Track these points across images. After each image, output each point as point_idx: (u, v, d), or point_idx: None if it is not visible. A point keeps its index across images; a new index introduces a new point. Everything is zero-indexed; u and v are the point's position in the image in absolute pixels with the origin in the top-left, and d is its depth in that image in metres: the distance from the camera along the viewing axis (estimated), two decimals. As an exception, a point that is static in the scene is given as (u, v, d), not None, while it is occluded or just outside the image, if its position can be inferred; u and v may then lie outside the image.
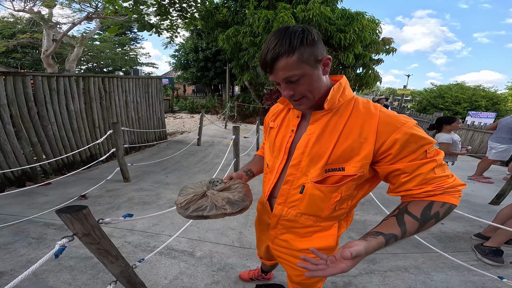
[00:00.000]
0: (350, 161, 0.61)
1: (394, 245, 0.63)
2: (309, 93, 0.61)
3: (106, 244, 0.74)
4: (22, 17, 9.38)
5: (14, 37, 9.16)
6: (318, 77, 0.60)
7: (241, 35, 7.21)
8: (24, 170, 2.80)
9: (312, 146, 0.64)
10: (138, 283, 0.89)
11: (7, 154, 2.62)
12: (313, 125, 0.66)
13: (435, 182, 0.58)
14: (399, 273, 1.69)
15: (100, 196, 2.57)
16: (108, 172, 2.93)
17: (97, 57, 12.78)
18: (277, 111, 0.81)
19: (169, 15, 4.66)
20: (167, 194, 2.69)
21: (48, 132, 3.04)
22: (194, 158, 4.23)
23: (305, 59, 0.56)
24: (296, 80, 0.58)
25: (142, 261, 1.10)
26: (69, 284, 1.38)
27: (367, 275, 1.65)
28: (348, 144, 0.60)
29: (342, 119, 0.62)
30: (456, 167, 4.63)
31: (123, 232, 1.94)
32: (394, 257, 1.87)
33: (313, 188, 0.66)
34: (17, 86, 2.69)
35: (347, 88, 0.65)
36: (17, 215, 2.07)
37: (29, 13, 6.53)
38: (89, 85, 3.58)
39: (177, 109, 12.95)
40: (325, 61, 0.60)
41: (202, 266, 1.60)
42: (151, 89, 5.07)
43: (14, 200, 2.35)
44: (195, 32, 13.48)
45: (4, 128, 2.60)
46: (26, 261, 1.53)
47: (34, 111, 2.88)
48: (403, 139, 0.57)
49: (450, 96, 14.39)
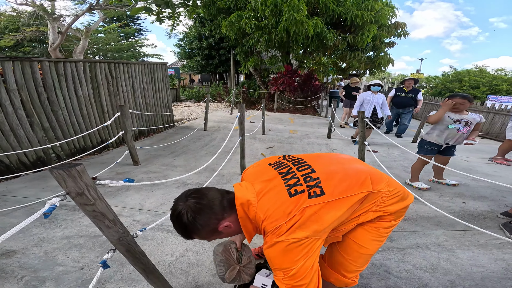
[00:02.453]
0: None
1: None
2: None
3: (102, 207, 0.68)
4: (25, 10, 9.40)
5: (19, 31, 9.23)
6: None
7: (244, 20, 7.09)
8: (39, 155, 2.86)
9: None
10: (139, 253, 0.84)
11: (21, 139, 2.66)
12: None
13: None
14: (419, 250, 1.60)
15: (110, 178, 2.59)
16: (119, 156, 2.97)
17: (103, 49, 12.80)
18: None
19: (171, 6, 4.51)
20: (175, 176, 2.71)
21: (59, 118, 3.07)
22: (200, 142, 4.27)
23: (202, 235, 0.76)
24: None
25: (143, 230, 1.06)
26: (77, 261, 1.39)
27: (385, 252, 1.58)
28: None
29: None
30: (476, 149, 4.40)
31: (131, 212, 1.95)
32: (413, 235, 1.78)
33: None
34: (26, 71, 2.69)
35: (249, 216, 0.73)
36: (31, 197, 2.12)
37: (31, 6, 6.50)
38: (95, 71, 3.56)
39: (184, 98, 12.99)
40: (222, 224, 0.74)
41: (208, 244, 1.59)
42: (157, 75, 5.02)
43: (30, 184, 2.42)
44: (198, 20, 13.18)
45: (16, 113, 2.63)
46: (38, 240, 1.55)
47: (44, 96, 2.89)
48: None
49: (468, 80, 13.81)
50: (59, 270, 1.32)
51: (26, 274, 1.28)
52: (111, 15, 6.34)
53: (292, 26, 6.15)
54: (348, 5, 6.77)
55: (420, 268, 1.44)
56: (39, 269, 1.32)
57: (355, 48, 7.82)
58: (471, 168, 3.34)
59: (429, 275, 1.39)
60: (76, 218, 1.81)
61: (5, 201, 2.05)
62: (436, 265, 1.47)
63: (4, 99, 2.52)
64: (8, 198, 2.10)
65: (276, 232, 0.65)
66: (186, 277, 1.32)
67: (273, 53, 8.85)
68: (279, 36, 6.75)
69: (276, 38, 6.93)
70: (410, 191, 1.97)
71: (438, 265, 1.47)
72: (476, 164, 3.58)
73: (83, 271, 1.32)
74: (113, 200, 2.12)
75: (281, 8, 6.26)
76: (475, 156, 4.00)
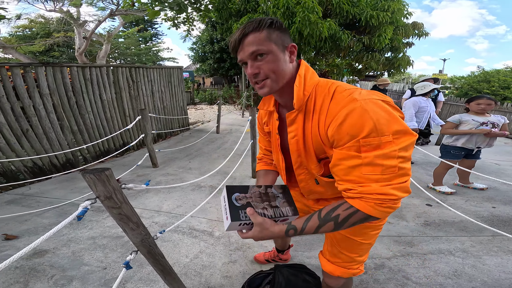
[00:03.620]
0: (326, 149, 0.61)
1: (297, 235, 0.62)
2: (273, 74, 0.59)
3: (127, 210, 0.73)
4: (53, 17, 10.17)
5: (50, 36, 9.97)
6: (284, 60, 0.60)
7: None
8: (68, 157, 3.08)
9: (302, 148, 0.66)
10: (158, 254, 0.89)
11: (52, 142, 2.88)
12: (291, 127, 0.66)
13: (356, 181, 0.52)
14: (441, 256, 1.54)
15: (131, 180, 2.74)
16: (139, 159, 3.11)
17: (124, 53, 13.51)
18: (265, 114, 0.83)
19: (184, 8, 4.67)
20: (190, 179, 2.80)
21: (86, 121, 3.27)
22: (213, 145, 4.37)
23: (273, 38, 0.57)
24: (262, 56, 0.57)
25: (163, 232, 1.11)
26: (101, 261, 1.48)
27: (403, 257, 1.53)
28: (317, 137, 0.60)
29: (312, 113, 0.61)
30: (507, 151, 4.09)
31: (151, 213, 2.04)
32: (435, 240, 1.70)
33: (323, 179, 0.70)
34: (57, 76, 2.88)
35: (308, 74, 0.62)
36: (61, 198, 2.29)
37: (59, 13, 7.03)
38: (118, 75, 3.74)
39: (198, 100, 13.35)
40: (290, 49, 0.61)
41: (220, 246, 1.63)
42: (173, 79, 5.21)
43: (60, 185, 2.61)
44: (210, 23, 13.46)
45: (48, 116, 2.83)
46: (66, 240, 1.67)
47: (73, 100, 3.09)
48: (337, 123, 0.52)
49: (497, 80, 12.93)
50: (85, 270, 1.41)
51: (55, 273, 1.38)
52: (129, 20, 6.67)
53: (306, 27, 6.09)
54: (363, 5, 6.61)
55: (442, 274, 1.38)
56: (67, 269, 1.42)
57: (371, 49, 7.62)
58: (501, 172, 3.11)
59: (451, 282, 1.32)
60: (100, 219, 1.93)
61: (38, 202, 2.23)
62: (460, 271, 1.40)
63: (38, 103, 2.71)
64: (41, 199, 2.28)
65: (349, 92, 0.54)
66: (199, 278, 1.36)
67: (284, 56, 8.81)
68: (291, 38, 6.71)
69: (287, 41, 6.89)
70: (433, 196, 1.92)
71: (462, 271, 1.40)
72: (507, 167, 3.33)
73: (106, 271, 1.40)
74: (134, 202, 2.23)
75: (293, 10, 6.23)
76: (506, 159, 3.71)
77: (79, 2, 6.74)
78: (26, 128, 2.63)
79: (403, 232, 1.80)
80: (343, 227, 0.55)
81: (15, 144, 2.54)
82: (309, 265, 1.46)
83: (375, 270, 1.43)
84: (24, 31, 10.88)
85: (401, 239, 1.71)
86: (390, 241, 1.69)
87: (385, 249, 1.61)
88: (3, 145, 2.44)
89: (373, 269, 1.44)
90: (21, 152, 2.60)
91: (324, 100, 0.57)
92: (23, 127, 2.60)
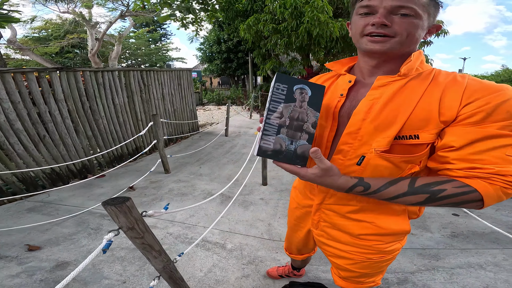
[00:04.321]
0: (425, 128, 0.52)
1: (363, 195, 0.55)
2: (405, 37, 0.52)
3: (150, 239, 0.71)
4: (66, 18, 10.43)
5: (64, 37, 10.25)
6: (422, 30, 0.53)
7: (261, 23, 7.08)
8: (84, 163, 3.13)
9: (379, 112, 0.55)
10: (179, 279, 0.88)
11: (69, 148, 2.93)
12: (377, 90, 0.57)
13: (491, 162, 0.47)
14: (471, 270, 1.44)
15: (145, 187, 2.76)
16: (152, 164, 3.13)
17: (135, 54, 13.79)
18: (323, 79, 0.73)
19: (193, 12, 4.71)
20: (201, 185, 2.80)
21: (99, 126, 3.30)
22: (222, 149, 4.34)
23: (426, 5, 0.51)
24: (406, 16, 0.50)
25: (181, 255, 1.09)
26: (120, 275, 1.47)
27: (429, 271, 1.45)
28: (427, 111, 0.51)
29: (421, 85, 0.54)
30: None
31: (165, 224, 2.04)
32: (464, 253, 1.60)
33: (377, 159, 0.56)
34: (71, 81, 2.89)
35: (424, 60, 0.58)
36: (79, 206, 2.33)
37: (72, 14, 7.23)
38: (129, 79, 3.74)
39: (206, 101, 13.41)
40: (433, 28, 0.56)
41: (233, 259, 1.61)
42: (183, 81, 5.21)
43: (77, 192, 2.66)
44: (217, 24, 13.47)
45: (64, 122, 2.86)
46: (86, 252, 1.68)
47: (86, 105, 3.10)
48: (490, 107, 0.46)
49: None
50: (105, 283, 1.41)
51: (78, 287, 1.39)
52: (140, 21, 6.76)
53: (315, 27, 5.94)
54: None
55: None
56: (89, 282, 1.43)
57: (387, 48, 7.37)
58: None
59: (483, 298, 1.24)
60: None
61: (57, 210, 2.28)
62: (492, 286, 1.31)
63: (54, 109, 2.72)
64: (59, 207, 2.33)
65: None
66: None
67: (293, 56, 8.70)
68: (299, 39, 6.59)
69: (296, 41, 6.78)
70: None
71: (494, 286, 1.31)
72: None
73: (125, 285, 1.40)
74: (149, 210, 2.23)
75: (302, 10, 6.09)
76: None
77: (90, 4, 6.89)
78: (43, 134, 2.67)
79: (427, 244, 1.70)
80: (437, 203, 0.50)
81: (33, 150, 2.59)
82: (324, 280, 1.41)
83: (398, 286, 1.36)
84: (40, 32, 11.20)
85: (425, 252, 1.62)
86: (414, 254, 1.60)
87: (408, 262, 1.53)
88: (21, 151, 2.49)
89: (395, 284, 1.37)
90: (39, 158, 2.65)
91: (452, 87, 0.51)
92: (40, 133, 2.65)
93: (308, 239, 0.90)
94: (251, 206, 2.31)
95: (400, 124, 0.53)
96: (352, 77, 0.62)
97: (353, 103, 0.60)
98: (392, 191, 0.52)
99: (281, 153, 0.53)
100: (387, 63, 0.58)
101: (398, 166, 0.56)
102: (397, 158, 0.55)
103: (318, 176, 0.53)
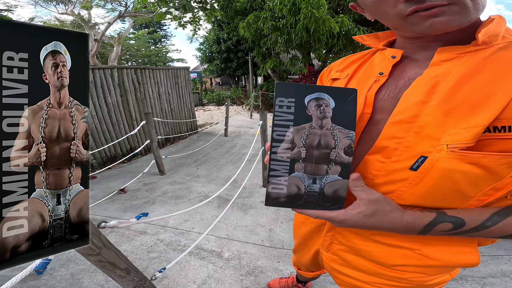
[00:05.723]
0: None
1: (450, 234, 0.38)
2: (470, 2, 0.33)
3: (110, 255, 0.55)
4: (66, 20, 10.36)
5: None
6: None
7: (261, 21, 7.02)
8: (73, 164, 2.98)
9: (451, 92, 0.36)
10: None
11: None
12: (440, 66, 0.38)
13: None
14: (505, 279, 1.32)
15: (137, 189, 2.61)
16: (146, 165, 2.99)
17: (134, 55, 13.70)
18: (348, 61, 0.56)
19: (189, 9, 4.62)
20: (197, 188, 2.66)
21: (90, 126, 3.19)
22: (222, 149, 4.21)
23: None
24: None
25: (162, 271, 0.93)
26: (101, 286, 1.34)
27: (456, 281, 1.32)
28: None
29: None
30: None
31: (156, 229, 1.90)
32: (495, 260, 1.47)
33: (452, 161, 0.35)
34: None
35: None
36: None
37: (71, 15, 7.13)
38: (123, 77, 3.64)
39: (206, 101, 13.35)
40: None
41: (230, 269, 1.48)
42: (180, 80, 5.10)
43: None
44: (216, 23, 13.43)
45: None
46: (65, 260, 1.52)
47: None
48: None
49: None
50: None
51: None
52: (139, 22, 6.67)
53: (312, 24, 5.87)
54: None
55: (506, 303, 1.16)
56: None
57: (392, 46, 7.34)
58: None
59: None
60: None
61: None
62: None
63: None
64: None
65: None
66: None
67: (293, 54, 8.63)
68: (298, 36, 6.55)
69: (296, 38, 6.72)
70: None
71: None
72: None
73: (108, 299, 1.25)
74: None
75: (300, 6, 6.04)
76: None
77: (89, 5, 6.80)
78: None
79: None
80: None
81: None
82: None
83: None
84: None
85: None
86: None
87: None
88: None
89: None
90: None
91: None
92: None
93: (317, 260, 0.71)
94: (251, 210, 2.17)
95: (496, 109, 0.34)
96: (398, 51, 0.45)
97: (401, 83, 0.42)
98: (507, 224, 0.35)
99: (300, 198, 0.38)
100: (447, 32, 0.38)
101: (493, 172, 0.35)
102: (494, 158, 0.34)
103: (368, 215, 0.38)
